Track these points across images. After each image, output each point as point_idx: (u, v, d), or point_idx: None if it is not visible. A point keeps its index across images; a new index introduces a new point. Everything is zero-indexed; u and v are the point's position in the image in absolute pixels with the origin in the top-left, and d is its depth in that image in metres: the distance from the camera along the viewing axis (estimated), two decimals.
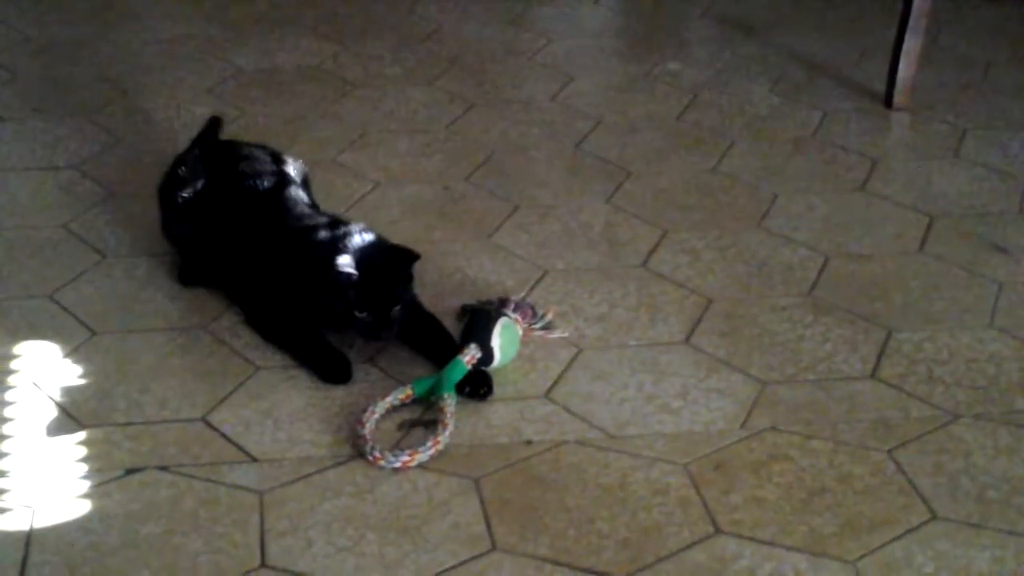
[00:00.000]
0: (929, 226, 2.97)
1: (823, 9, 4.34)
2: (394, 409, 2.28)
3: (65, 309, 2.58)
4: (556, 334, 2.51)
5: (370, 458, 2.16)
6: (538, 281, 2.72)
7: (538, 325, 2.49)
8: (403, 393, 2.29)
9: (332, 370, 2.38)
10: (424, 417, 2.28)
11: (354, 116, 3.46)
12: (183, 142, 3.21)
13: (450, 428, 2.21)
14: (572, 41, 4.04)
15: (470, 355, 2.32)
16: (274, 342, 2.46)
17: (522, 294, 2.63)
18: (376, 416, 2.23)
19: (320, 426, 2.27)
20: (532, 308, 2.50)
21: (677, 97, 3.63)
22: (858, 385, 2.42)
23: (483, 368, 2.34)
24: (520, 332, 2.43)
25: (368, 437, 2.18)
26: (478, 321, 2.38)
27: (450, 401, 2.26)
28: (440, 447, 2.18)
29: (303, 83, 3.66)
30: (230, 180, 2.64)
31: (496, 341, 2.35)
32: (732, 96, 3.65)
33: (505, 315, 2.40)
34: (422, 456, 2.16)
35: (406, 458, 2.15)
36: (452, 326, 2.48)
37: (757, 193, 3.11)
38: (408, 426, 2.26)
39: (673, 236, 2.90)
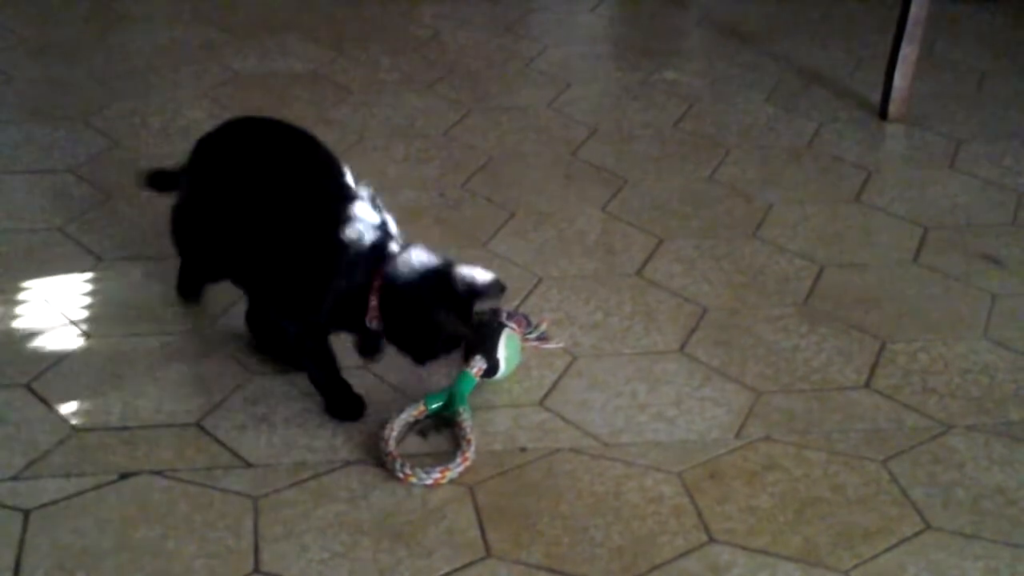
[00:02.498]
0: (923, 237, 2.98)
1: (819, 18, 4.35)
2: (409, 425, 2.27)
3: (60, 312, 2.57)
4: (552, 345, 2.50)
5: (400, 476, 2.14)
6: (533, 288, 2.72)
7: (532, 335, 2.48)
8: (416, 409, 2.27)
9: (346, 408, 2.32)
10: (436, 421, 2.29)
11: (351, 121, 3.46)
12: (179, 144, 3.23)
13: (474, 442, 2.20)
14: (569, 48, 4.05)
15: (477, 367, 2.31)
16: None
17: (515, 304, 2.63)
18: (395, 433, 2.21)
19: (315, 431, 2.27)
20: (526, 318, 2.50)
21: (673, 105, 3.63)
22: (852, 395, 2.42)
23: (488, 379, 2.35)
24: (520, 342, 2.43)
25: (395, 455, 2.17)
26: (483, 333, 2.37)
27: (466, 415, 2.25)
28: (468, 463, 2.17)
29: (300, 88, 3.67)
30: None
31: (502, 352, 2.35)
32: (728, 105, 3.65)
33: (507, 326, 2.40)
34: (452, 473, 2.15)
35: (437, 475, 2.14)
36: None
37: (752, 202, 3.11)
38: (428, 430, 2.27)
39: (668, 245, 2.91)
